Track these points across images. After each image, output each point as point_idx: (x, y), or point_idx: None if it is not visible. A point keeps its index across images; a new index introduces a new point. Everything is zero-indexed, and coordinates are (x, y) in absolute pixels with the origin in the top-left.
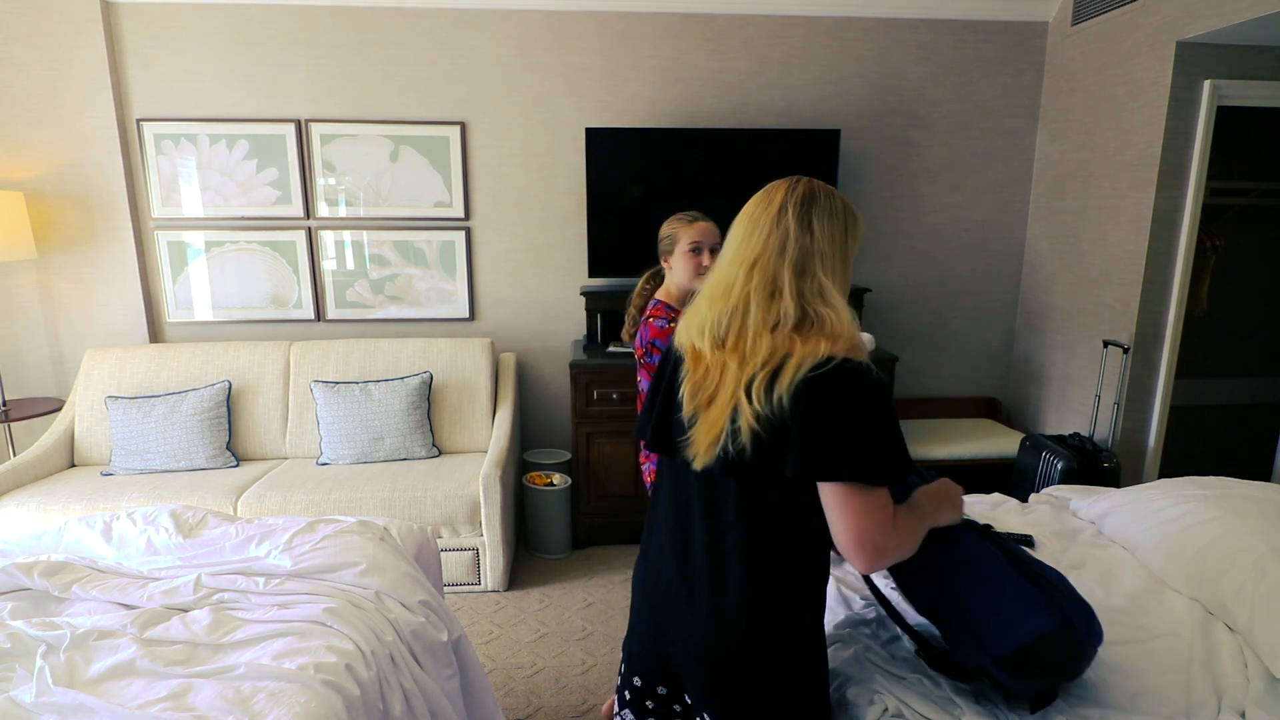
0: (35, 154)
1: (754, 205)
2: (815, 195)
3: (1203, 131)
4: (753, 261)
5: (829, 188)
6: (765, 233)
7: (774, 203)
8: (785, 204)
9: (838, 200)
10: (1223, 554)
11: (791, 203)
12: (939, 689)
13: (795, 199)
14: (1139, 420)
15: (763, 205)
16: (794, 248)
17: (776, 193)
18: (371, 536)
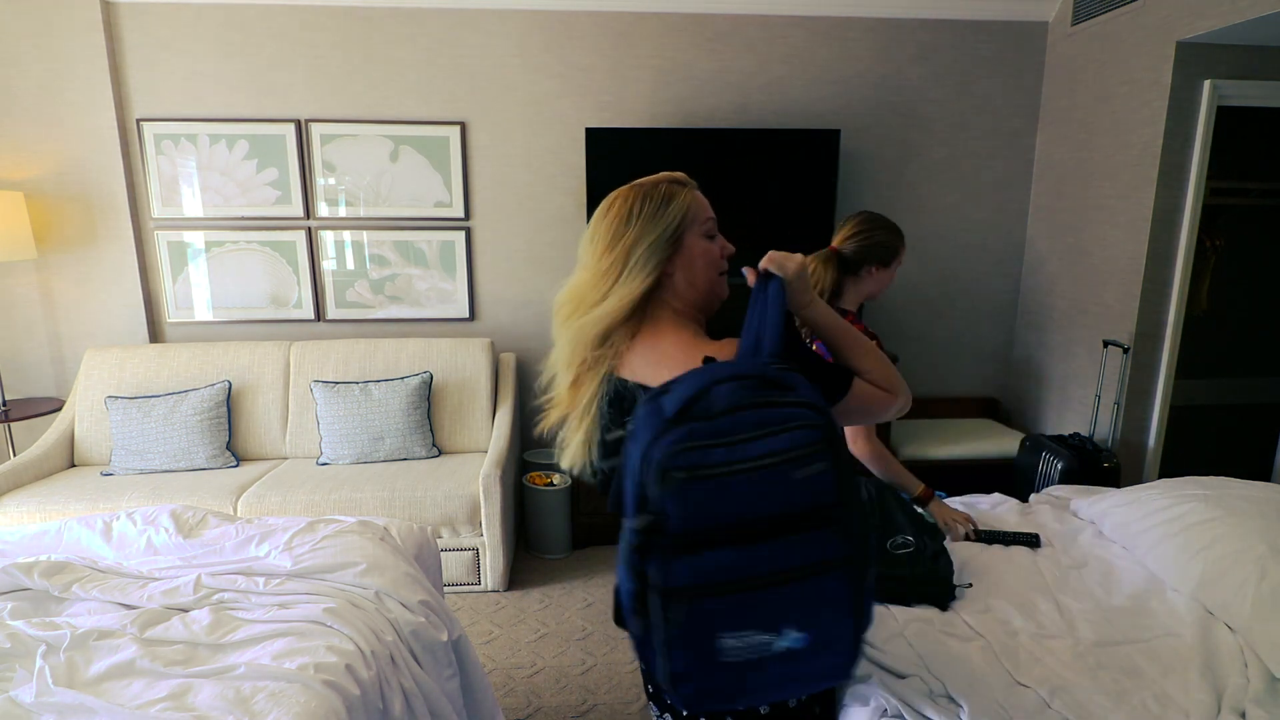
0: (35, 154)
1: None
2: (615, 195)
3: (1203, 131)
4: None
5: (633, 188)
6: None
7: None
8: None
9: (630, 193)
10: (1223, 554)
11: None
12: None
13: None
14: (1139, 420)
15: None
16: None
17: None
18: (371, 536)
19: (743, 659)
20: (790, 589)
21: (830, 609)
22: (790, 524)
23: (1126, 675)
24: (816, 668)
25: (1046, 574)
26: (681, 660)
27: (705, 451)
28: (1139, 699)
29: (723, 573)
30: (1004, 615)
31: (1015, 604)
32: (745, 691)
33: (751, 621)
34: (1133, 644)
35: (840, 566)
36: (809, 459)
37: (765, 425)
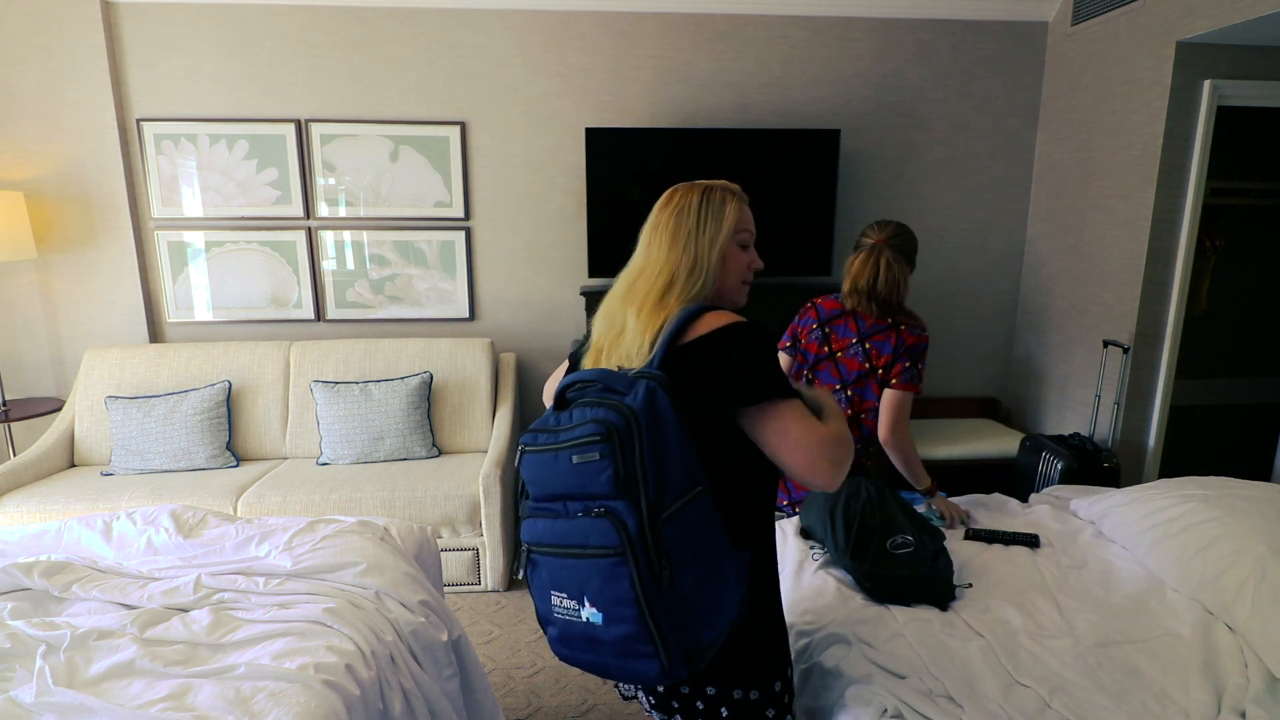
0: (35, 154)
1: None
2: (670, 200)
3: (1203, 131)
4: (625, 270)
5: (696, 185)
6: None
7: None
8: (649, 222)
9: (695, 197)
10: (1223, 554)
11: (654, 211)
12: (939, 689)
13: (657, 207)
14: (1139, 420)
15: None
16: (638, 256)
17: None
18: (371, 536)
19: (565, 617)
20: (583, 564)
21: (613, 592)
22: (581, 505)
23: (1126, 675)
24: (625, 655)
25: (1046, 574)
26: (539, 605)
27: (535, 434)
28: (1139, 699)
29: (541, 536)
30: (1004, 615)
31: (1015, 604)
32: (583, 650)
33: (564, 585)
34: (1133, 644)
35: (615, 555)
36: (585, 448)
37: (580, 420)
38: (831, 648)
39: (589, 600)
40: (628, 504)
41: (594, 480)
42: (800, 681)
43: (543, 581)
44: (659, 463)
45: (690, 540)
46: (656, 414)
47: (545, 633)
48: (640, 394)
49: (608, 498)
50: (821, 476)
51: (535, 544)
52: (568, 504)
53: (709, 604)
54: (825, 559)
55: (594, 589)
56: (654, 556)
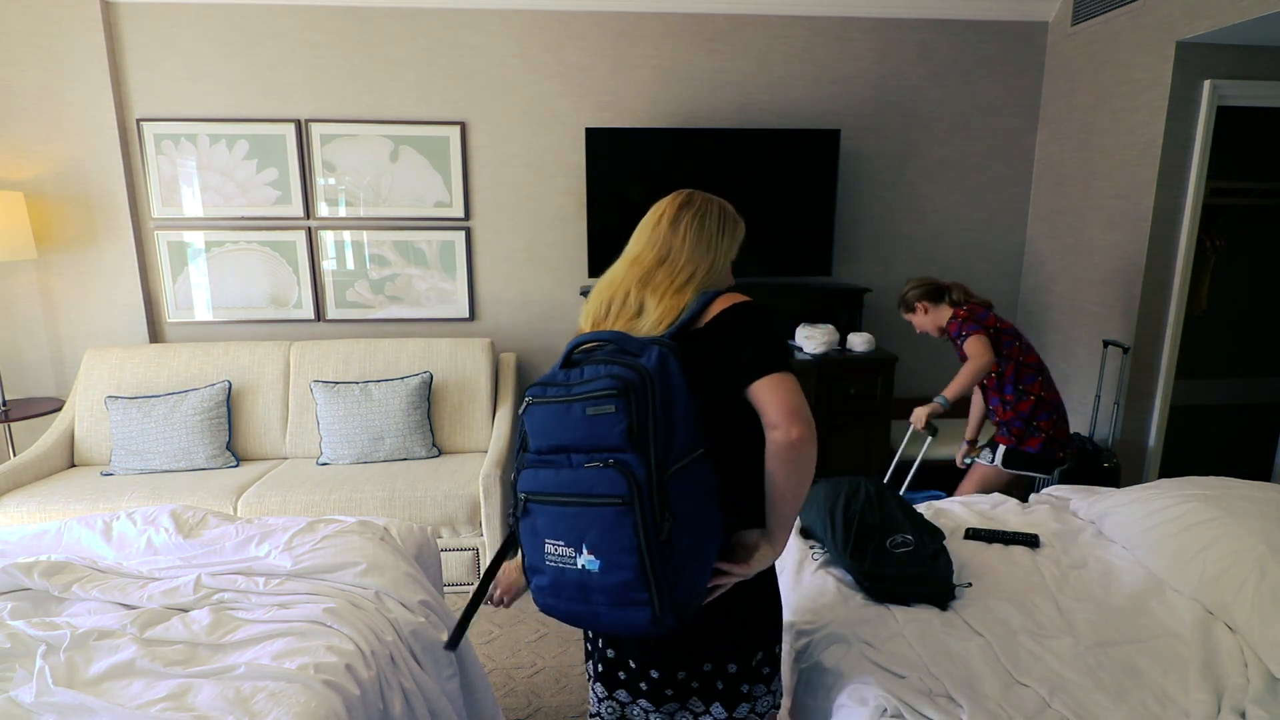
0: (35, 154)
1: (646, 216)
2: (691, 202)
3: (1203, 131)
4: (632, 259)
5: (709, 197)
6: (646, 236)
7: (657, 212)
8: (664, 212)
9: (714, 206)
10: (1223, 554)
11: (669, 210)
12: (939, 688)
13: (673, 207)
14: (1139, 420)
15: (651, 216)
16: (660, 245)
17: (662, 204)
18: (371, 536)
19: (559, 565)
20: (584, 512)
21: (613, 541)
22: (592, 458)
23: (1126, 675)
24: (617, 603)
25: (1046, 574)
26: (528, 553)
27: (546, 387)
28: (1139, 699)
29: (542, 485)
30: (1004, 615)
31: (1015, 604)
32: (563, 601)
33: (560, 533)
34: (1133, 644)
35: (619, 503)
36: (599, 401)
37: (594, 375)
38: (831, 647)
39: (588, 548)
40: (638, 456)
41: (607, 432)
42: (800, 681)
43: (537, 530)
44: (668, 421)
45: (691, 497)
46: (668, 376)
47: (531, 583)
48: (654, 356)
49: (617, 450)
50: (798, 427)
51: (535, 493)
52: (571, 455)
53: (698, 561)
54: (825, 559)
55: (595, 536)
56: (658, 507)
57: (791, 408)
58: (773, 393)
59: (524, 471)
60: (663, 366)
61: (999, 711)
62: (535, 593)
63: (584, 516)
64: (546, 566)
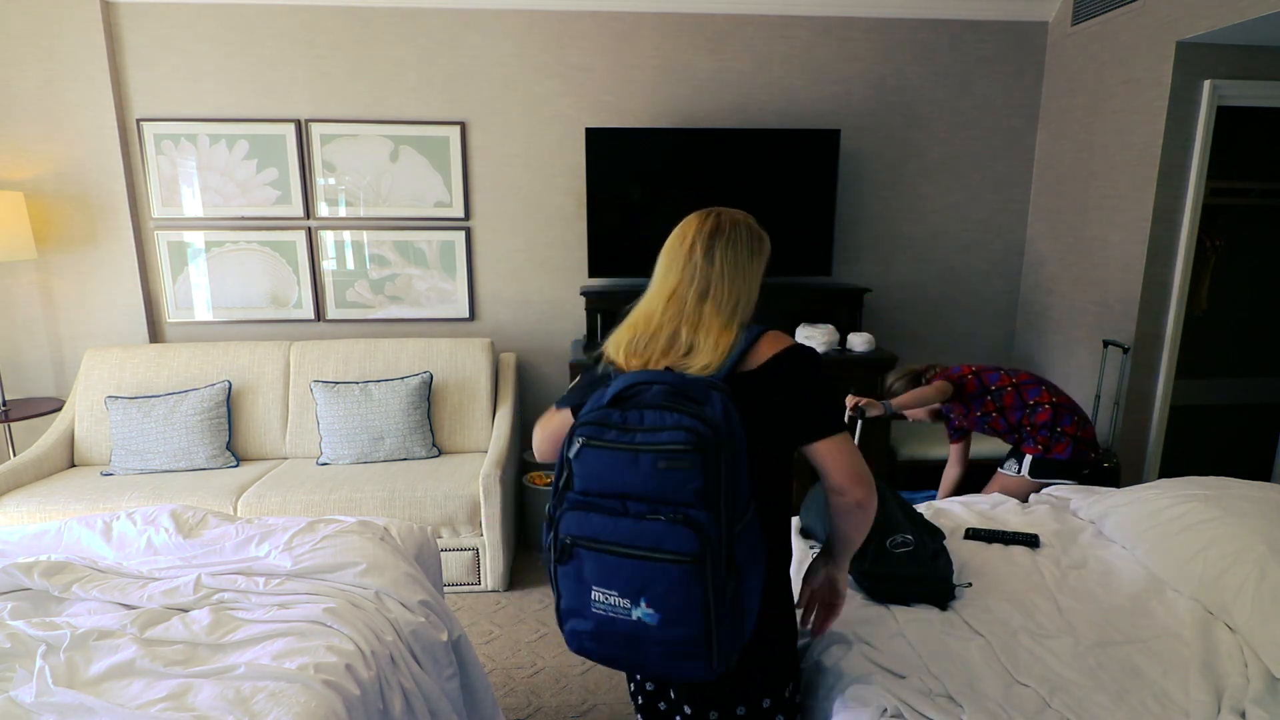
0: (35, 154)
1: (671, 241)
2: (721, 228)
3: (1203, 131)
4: (669, 294)
5: (735, 217)
6: (680, 267)
7: (686, 239)
8: (694, 240)
9: (742, 228)
10: (1223, 554)
11: (700, 238)
12: (939, 688)
13: (704, 234)
14: (1139, 420)
15: (677, 241)
16: (699, 279)
17: (689, 229)
18: (371, 536)
19: (605, 614)
20: (646, 566)
21: (680, 598)
22: (655, 510)
23: (1126, 675)
24: (673, 655)
25: (1046, 574)
26: (566, 597)
27: (604, 429)
28: (1139, 699)
29: (595, 531)
30: (1004, 615)
31: (1015, 604)
32: (615, 648)
33: (614, 583)
34: (1133, 644)
35: (690, 562)
36: (675, 455)
37: (660, 424)
38: (831, 648)
39: (646, 601)
40: (710, 515)
41: (679, 488)
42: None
43: (583, 576)
44: (734, 476)
45: (751, 550)
46: (733, 429)
47: (566, 625)
48: (718, 406)
49: (688, 506)
50: (861, 489)
51: (586, 539)
52: (629, 504)
53: (750, 608)
54: None
55: (658, 592)
56: (725, 566)
57: (856, 473)
58: (835, 458)
59: (570, 513)
60: (728, 419)
61: (999, 711)
62: (571, 637)
63: (646, 570)
64: (591, 614)
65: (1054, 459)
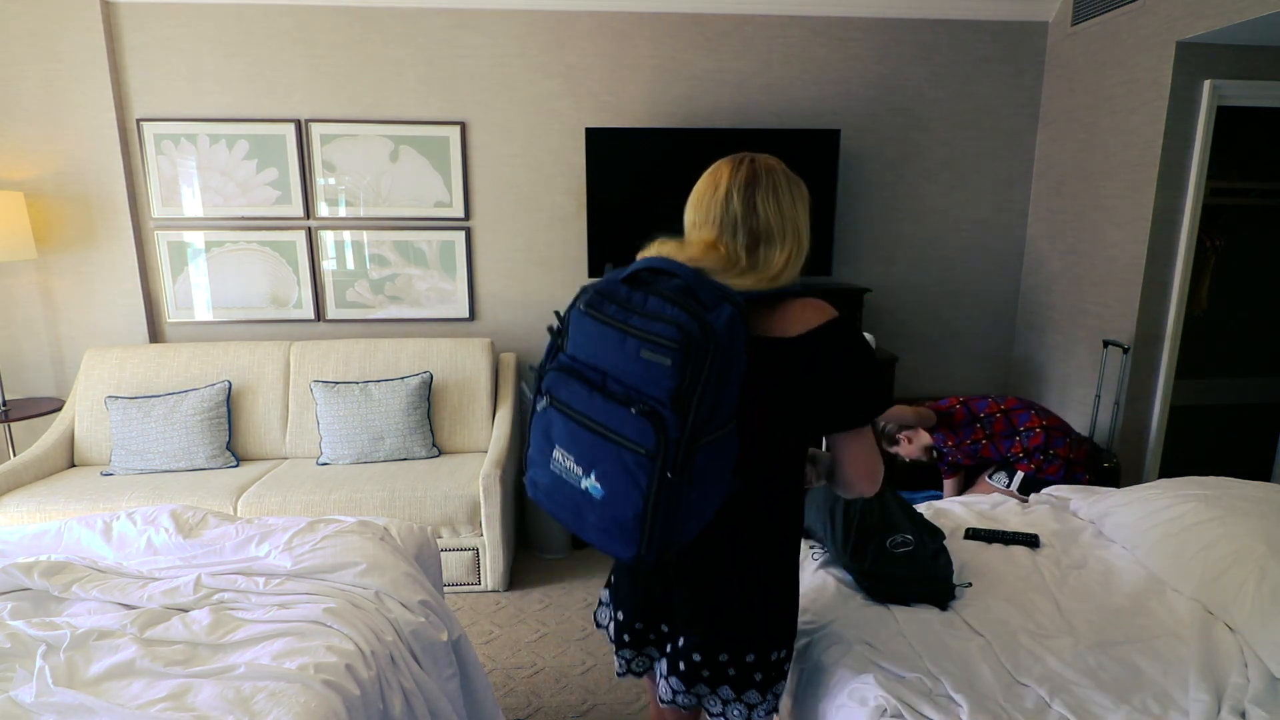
0: (35, 154)
1: (702, 190)
2: (756, 176)
3: (1203, 131)
4: (709, 244)
5: (769, 162)
6: (717, 219)
7: (719, 188)
8: (730, 189)
9: (779, 174)
10: (1223, 554)
11: (736, 187)
12: (939, 688)
13: (739, 183)
14: (1139, 420)
15: (709, 190)
16: (744, 231)
17: (720, 177)
18: (371, 536)
19: (559, 475)
20: (605, 444)
21: (626, 481)
22: (629, 395)
23: (1126, 675)
24: (607, 531)
25: (1046, 574)
26: (533, 447)
27: (606, 301)
28: (1139, 699)
29: (568, 397)
30: (1004, 615)
31: (1015, 604)
32: (556, 504)
33: (573, 449)
34: (1133, 644)
35: (645, 455)
36: (658, 349)
37: (659, 313)
38: (831, 648)
39: (596, 475)
40: (676, 417)
41: (654, 382)
42: (800, 681)
43: (550, 434)
44: (718, 389)
45: (711, 467)
46: (733, 342)
47: (527, 472)
48: (724, 315)
49: (658, 402)
50: (870, 486)
51: (561, 402)
52: (609, 381)
53: (697, 514)
54: (825, 558)
55: (608, 470)
56: (679, 470)
57: (870, 471)
58: (854, 451)
59: (554, 373)
60: (730, 331)
61: (999, 711)
62: (529, 484)
63: (602, 447)
64: (548, 470)
65: (1044, 480)
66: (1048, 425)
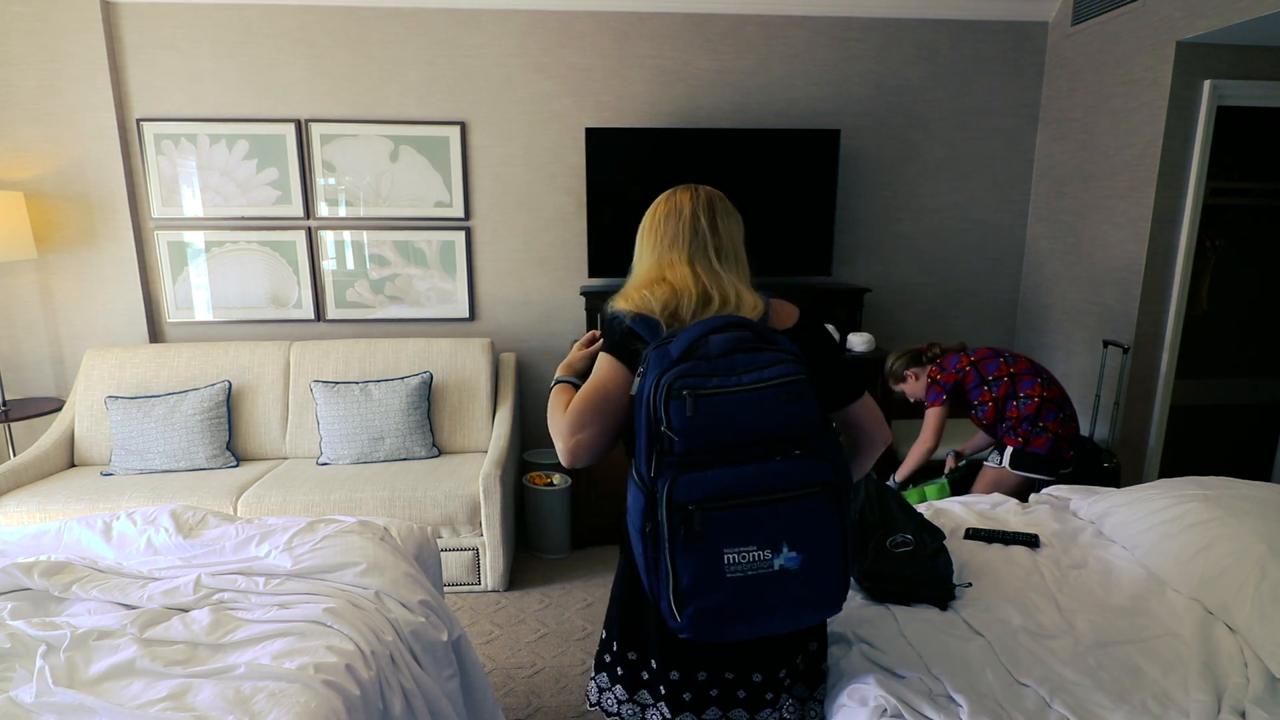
0: (35, 154)
1: (663, 214)
2: (712, 201)
3: (1203, 131)
4: (688, 261)
5: (711, 191)
6: (688, 238)
7: (683, 212)
8: (695, 212)
9: (722, 201)
10: (1223, 554)
11: (700, 210)
12: (939, 688)
13: (701, 206)
14: (1139, 420)
15: (672, 215)
16: (711, 247)
17: (682, 203)
18: (371, 536)
19: (744, 574)
20: (783, 508)
21: (819, 530)
22: (778, 446)
23: (1126, 675)
24: (809, 595)
25: (1046, 574)
26: (688, 574)
27: (704, 379)
28: (1139, 699)
29: (722, 488)
30: (1004, 615)
31: (1015, 604)
32: (743, 616)
33: (751, 537)
34: (1133, 644)
35: (824, 491)
36: (794, 388)
37: (755, 364)
38: (831, 647)
39: (789, 544)
40: (830, 442)
41: (804, 419)
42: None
43: (710, 545)
44: (826, 406)
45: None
46: (808, 363)
47: (686, 610)
48: (787, 341)
49: (813, 435)
50: (887, 431)
51: (712, 499)
52: (748, 449)
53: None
54: None
55: (798, 531)
56: (847, 490)
57: (883, 419)
58: (871, 413)
59: (683, 477)
60: (800, 353)
61: (999, 711)
62: (695, 622)
63: (785, 512)
64: (726, 581)
65: (1032, 452)
66: (1046, 397)
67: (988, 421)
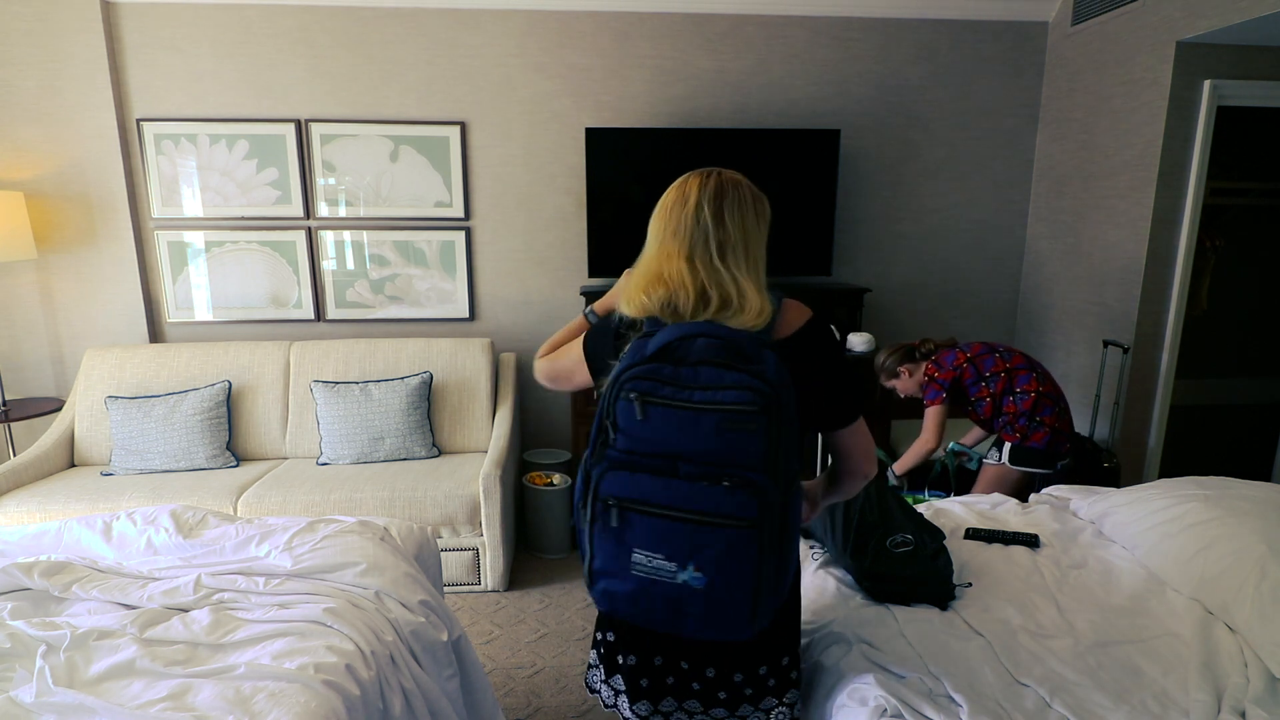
0: (35, 154)
1: (670, 201)
2: (724, 189)
3: (1203, 131)
4: (686, 255)
5: (735, 177)
6: (688, 229)
7: (688, 200)
8: (700, 201)
9: (744, 189)
10: (1223, 554)
11: (706, 199)
12: (939, 688)
13: (709, 195)
14: (1139, 420)
15: (678, 202)
16: (714, 241)
17: (689, 190)
18: (371, 536)
19: (648, 576)
20: (702, 530)
21: (731, 562)
22: (708, 471)
23: (1126, 675)
24: (710, 615)
25: (1046, 574)
26: (601, 558)
27: (659, 385)
28: (1139, 699)
29: (644, 493)
30: (1004, 615)
31: (1015, 604)
32: (643, 609)
33: (662, 546)
34: (1133, 644)
35: (747, 527)
36: (741, 417)
37: (717, 382)
38: (831, 647)
39: (695, 565)
40: (769, 479)
41: (742, 451)
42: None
43: (623, 538)
44: (790, 440)
45: (798, 515)
46: (788, 390)
47: (597, 584)
48: (772, 366)
49: (749, 469)
50: (874, 467)
51: (634, 501)
52: (680, 465)
53: (792, 568)
54: (825, 558)
55: (710, 555)
56: (778, 531)
57: (872, 454)
58: (859, 440)
59: (613, 473)
60: (781, 379)
61: (999, 711)
62: (603, 597)
63: (699, 534)
64: (631, 575)
65: (1030, 447)
66: (1042, 392)
67: (985, 417)
